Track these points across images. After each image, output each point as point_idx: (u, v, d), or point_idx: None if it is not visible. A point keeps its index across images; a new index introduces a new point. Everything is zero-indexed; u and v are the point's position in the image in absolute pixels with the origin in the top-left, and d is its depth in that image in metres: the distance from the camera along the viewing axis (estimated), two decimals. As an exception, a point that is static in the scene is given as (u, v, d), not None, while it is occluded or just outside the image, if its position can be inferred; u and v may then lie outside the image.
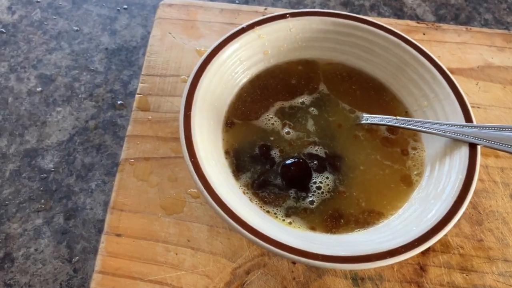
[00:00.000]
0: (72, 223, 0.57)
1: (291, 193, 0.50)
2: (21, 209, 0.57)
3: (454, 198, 0.45)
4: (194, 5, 0.72)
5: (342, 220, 0.48)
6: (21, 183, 0.59)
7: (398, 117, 0.53)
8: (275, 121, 0.55)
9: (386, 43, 0.56)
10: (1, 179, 0.59)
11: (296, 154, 0.53)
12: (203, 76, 0.52)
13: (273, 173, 0.51)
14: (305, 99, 0.57)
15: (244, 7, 0.72)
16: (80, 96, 0.67)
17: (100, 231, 0.57)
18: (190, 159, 0.46)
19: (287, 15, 0.57)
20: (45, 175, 0.60)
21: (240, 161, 0.52)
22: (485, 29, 0.72)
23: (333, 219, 0.49)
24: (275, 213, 0.49)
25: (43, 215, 0.57)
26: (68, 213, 0.58)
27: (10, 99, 0.66)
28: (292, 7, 0.78)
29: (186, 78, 0.63)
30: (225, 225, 0.53)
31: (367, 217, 0.49)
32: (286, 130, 0.54)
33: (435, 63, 0.54)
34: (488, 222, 0.55)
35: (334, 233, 0.48)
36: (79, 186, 0.59)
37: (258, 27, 0.56)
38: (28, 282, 0.53)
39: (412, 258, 0.50)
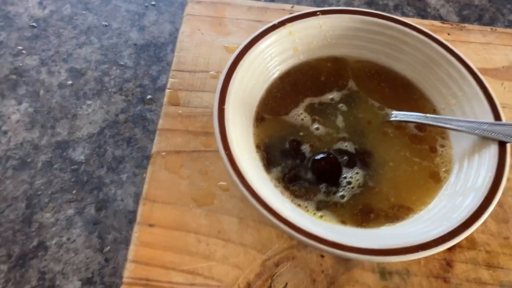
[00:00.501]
0: (103, 214, 0.58)
1: (322, 187, 0.51)
2: (53, 200, 0.59)
3: (484, 195, 0.46)
4: (222, 2, 0.73)
5: (372, 215, 0.49)
6: (53, 174, 0.61)
7: (427, 115, 0.53)
8: (305, 116, 0.56)
9: (415, 41, 0.57)
10: (34, 169, 0.61)
11: (326, 149, 0.53)
12: (236, 71, 0.53)
13: (303, 168, 0.52)
14: (334, 95, 0.58)
15: (272, 4, 0.73)
16: (110, 90, 0.68)
17: (130, 222, 0.58)
18: (225, 152, 0.47)
19: (318, 13, 0.58)
20: (76, 166, 0.62)
21: (271, 156, 0.53)
22: (510, 30, 0.72)
23: (363, 213, 0.49)
24: (306, 207, 0.49)
25: (74, 206, 0.59)
26: (99, 204, 0.59)
27: (41, 92, 0.67)
28: (317, 6, 0.79)
29: (215, 74, 0.64)
30: (254, 218, 0.54)
31: (396, 212, 0.49)
32: (316, 126, 0.55)
33: (464, 62, 0.55)
34: (514, 220, 0.55)
35: (364, 227, 0.48)
36: (110, 177, 0.61)
37: (289, 24, 0.57)
38: (61, 270, 0.54)
39: (438, 253, 0.50)
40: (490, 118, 0.51)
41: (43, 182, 0.60)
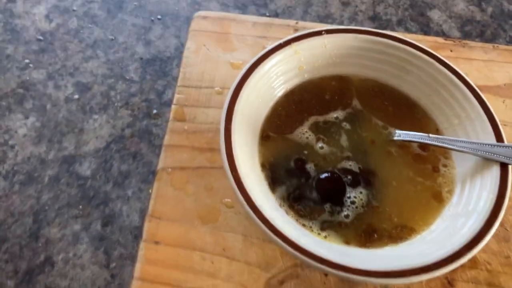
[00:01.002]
0: (109, 230, 0.59)
1: (326, 207, 0.51)
2: (60, 215, 0.60)
3: (486, 218, 0.46)
4: (228, 18, 0.73)
5: (375, 235, 0.50)
6: (59, 189, 0.61)
7: (430, 135, 0.54)
8: (309, 135, 0.57)
9: (420, 61, 0.57)
10: (41, 184, 0.61)
11: (330, 168, 0.54)
12: (242, 90, 0.53)
13: (308, 187, 0.53)
14: (338, 114, 0.58)
15: (276, 20, 0.74)
16: (116, 104, 0.69)
17: (136, 237, 0.59)
18: (232, 173, 0.47)
19: (323, 32, 0.58)
20: (82, 181, 0.62)
21: (275, 174, 0.53)
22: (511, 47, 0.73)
23: (367, 233, 0.50)
24: (310, 227, 0.50)
25: (81, 221, 0.59)
26: (105, 219, 0.60)
27: (48, 106, 0.68)
28: (321, 21, 0.80)
29: (220, 90, 0.65)
30: (259, 236, 0.54)
31: (399, 232, 0.50)
32: (320, 144, 0.56)
33: (467, 83, 0.55)
34: (516, 239, 0.56)
35: (368, 247, 0.49)
36: (116, 193, 0.61)
37: (294, 43, 0.58)
38: (67, 286, 0.55)
39: (441, 273, 0.51)
40: (492, 138, 0.51)
41: (50, 197, 0.61)
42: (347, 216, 0.51)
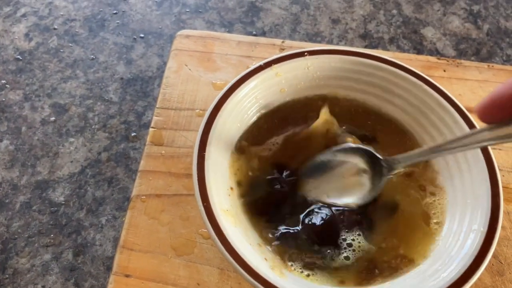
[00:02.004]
0: (81, 260, 0.56)
1: (316, 248, 0.48)
2: (30, 244, 0.57)
3: (476, 252, 0.44)
4: (212, 36, 0.71)
5: (375, 271, 0.47)
6: (31, 216, 0.58)
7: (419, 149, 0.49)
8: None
9: (407, 84, 0.55)
10: (12, 211, 0.59)
11: (316, 206, 0.51)
12: (218, 115, 0.51)
13: (292, 222, 0.50)
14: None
15: (262, 39, 0.71)
16: (93, 126, 0.66)
17: (108, 268, 0.56)
18: (203, 204, 0.44)
19: (306, 53, 0.56)
20: (55, 208, 0.59)
21: (255, 204, 0.50)
22: (507, 67, 0.70)
23: (367, 271, 0.47)
24: (291, 265, 0.47)
25: (52, 250, 0.56)
26: (77, 248, 0.57)
27: (23, 129, 0.65)
28: (310, 39, 0.78)
29: (201, 112, 0.62)
30: (235, 269, 0.51)
31: (399, 263, 0.47)
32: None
33: (456, 106, 0.53)
34: (510, 273, 0.52)
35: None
36: (89, 220, 0.59)
37: (275, 65, 0.55)
38: (34, 320, 0.52)
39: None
40: (483, 165, 0.49)
41: (21, 225, 0.58)
42: (347, 258, 0.48)
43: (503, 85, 0.31)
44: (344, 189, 0.51)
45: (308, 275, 0.46)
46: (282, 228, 0.49)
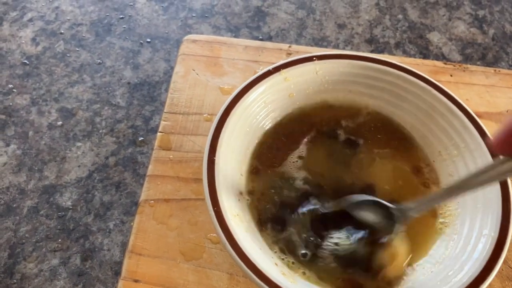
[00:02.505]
0: (88, 265, 0.56)
1: (324, 248, 0.48)
2: (38, 248, 0.56)
3: (487, 257, 0.43)
4: (218, 41, 0.71)
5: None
6: (38, 221, 0.58)
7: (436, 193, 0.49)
8: (299, 169, 0.54)
9: (416, 88, 0.55)
10: (19, 216, 0.58)
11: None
12: (228, 120, 0.51)
13: (300, 226, 0.49)
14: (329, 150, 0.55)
15: (268, 44, 0.71)
16: (101, 131, 0.66)
17: (116, 273, 0.56)
18: (213, 209, 0.44)
19: (314, 58, 0.56)
20: (63, 213, 0.59)
21: (264, 211, 0.50)
22: (514, 72, 0.70)
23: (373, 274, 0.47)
24: (303, 272, 0.47)
25: (59, 255, 0.56)
26: (85, 253, 0.57)
27: (30, 133, 0.65)
28: (316, 44, 0.78)
29: (209, 116, 0.62)
30: (245, 274, 0.51)
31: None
32: (310, 178, 0.53)
33: (465, 111, 0.52)
34: (520, 278, 0.52)
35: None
36: (97, 225, 0.58)
37: (284, 70, 0.55)
38: (42, 325, 0.52)
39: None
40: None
41: (28, 230, 0.58)
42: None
43: None
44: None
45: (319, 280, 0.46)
46: (288, 231, 0.49)
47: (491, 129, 0.63)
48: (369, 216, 0.49)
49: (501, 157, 0.35)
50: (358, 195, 0.50)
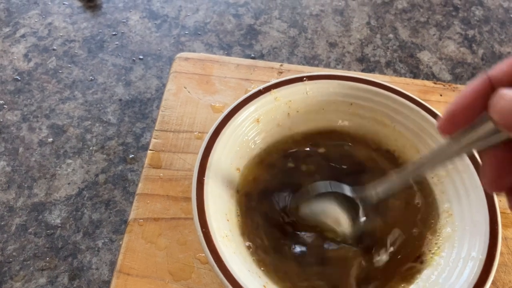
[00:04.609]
0: (76, 284, 0.55)
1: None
2: (25, 267, 0.56)
3: (476, 279, 0.44)
4: (211, 59, 0.71)
5: None
6: (26, 239, 0.58)
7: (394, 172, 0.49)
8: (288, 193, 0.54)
9: (405, 109, 0.55)
10: (7, 234, 0.58)
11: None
12: (218, 140, 0.51)
13: (290, 249, 0.49)
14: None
15: (260, 62, 0.72)
16: (91, 148, 0.66)
17: (105, 293, 0.55)
18: (202, 230, 0.44)
19: (304, 78, 0.56)
20: (51, 231, 0.59)
21: (254, 232, 0.50)
22: (503, 92, 0.71)
23: None
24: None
25: (47, 274, 0.56)
26: (73, 272, 0.56)
27: (20, 150, 0.65)
28: (308, 62, 0.78)
29: (200, 134, 0.62)
30: (234, 295, 0.51)
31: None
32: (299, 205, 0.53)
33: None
34: (509, 299, 0.52)
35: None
36: (86, 244, 0.58)
37: (274, 90, 0.55)
38: None
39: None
40: (481, 192, 0.49)
41: (16, 248, 0.58)
42: None
43: (455, 99, 0.32)
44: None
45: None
46: (279, 254, 0.49)
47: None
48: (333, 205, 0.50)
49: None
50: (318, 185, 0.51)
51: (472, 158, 0.51)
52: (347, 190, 0.50)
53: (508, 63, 0.30)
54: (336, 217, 0.50)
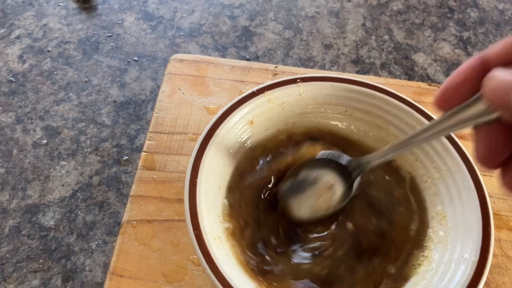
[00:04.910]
0: (70, 286, 0.55)
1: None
2: (18, 269, 0.56)
3: (468, 281, 0.44)
4: (205, 61, 0.71)
5: None
6: (20, 241, 0.58)
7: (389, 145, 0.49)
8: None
9: (398, 111, 0.55)
10: (0, 235, 0.58)
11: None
12: (211, 142, 0.51)
13: (283, 250, 0.50)
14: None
15: (255, 64, 0.72)
16: (85, 150, 0.66)
17: (98, 295, 0.55)
18: (194, 232, 0.44)
19: (298, 80, 0.56)
20: (45, 232, 0.59)
21: (246, 232, 0.50)
22: (497, 94, 0.71)
23: None
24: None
25: (40, 276, 0.56)
26: (66, 274, 0.56)
27: (14, 151, 0.65)
28: (302, 64, 0.78)
29: (194, 136, 0.62)
30: (227, 297, 0.51)
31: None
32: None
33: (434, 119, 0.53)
34: (502, 301, 0.52)
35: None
36: (79, 245, 0.58)
37: (268, 92, 0.55)
38: None
39: None
40: (474, 194, 0.49)
41: (9, 250, 0.58)
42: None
43: (451, 76, 0.33)
44: (320, 206, 0.51)
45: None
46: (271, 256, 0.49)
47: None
48: (327, 173, 0.51)
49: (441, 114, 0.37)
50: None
51: (465, 160, 0.51)
52: (340, 158, 0.50)
53: (502, 44, 0.30)
54: (330, 182, 0.51)
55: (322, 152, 0.52)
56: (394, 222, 0.52)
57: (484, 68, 0.31)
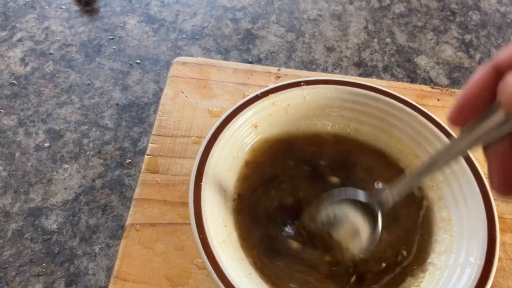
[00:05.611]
0: (73, 289, 0.55)
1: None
2: (21, 273, 0.56)
3: (474, 285, 0.43)
4: (208, 64, 0.71)
5: None
6: (23, 244, 0.58)
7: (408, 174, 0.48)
8: (287, 195, 0.54)
9: (403, 115, 0.55)
10: (3, 239, 0.58)
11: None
12: (215, 145, 0.51)
13: (290, 258, 0.49)
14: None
15: (258, 67, 0.71)
16: (88, 153, 0.66)
17: (101, 299, 0.55)
18: (199, 235, 0.44)
19: (302, 83, 0.56)
20: (48, 236, 0.59)
21: (251, 236, 0.50)
22: (501, 97, 0.71)
23: None
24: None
25: (43, 280, 0.56)
26: (69, 278, 0.56)
27: (17, 154, 0.65)
28: (305, 67, 0.78)
29: (197, 139, 0.62)
30: (231, 301, 0.50)
31: None
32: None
33: (451, 137, 0.53)
34: (507, 305, 0.52)
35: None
36: (82, 249, 0.58)
37: (272, 95, 0.55)
38: None
39: None
40: (478, 197, 0.49)
41: (12, 254, 0.57)
42: None
43: (463, 89, 0.31)
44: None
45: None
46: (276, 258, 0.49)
47: (478, 154, 0.63)
48: (351, 214, 0.47)
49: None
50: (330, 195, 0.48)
51: (470, 163, 0.51)
52: (362, 195, 0.47)
53: None
54: (356, 225, 0.47)
55: (337, 190, 0.48)
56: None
57: (498, 75, 0.29)
